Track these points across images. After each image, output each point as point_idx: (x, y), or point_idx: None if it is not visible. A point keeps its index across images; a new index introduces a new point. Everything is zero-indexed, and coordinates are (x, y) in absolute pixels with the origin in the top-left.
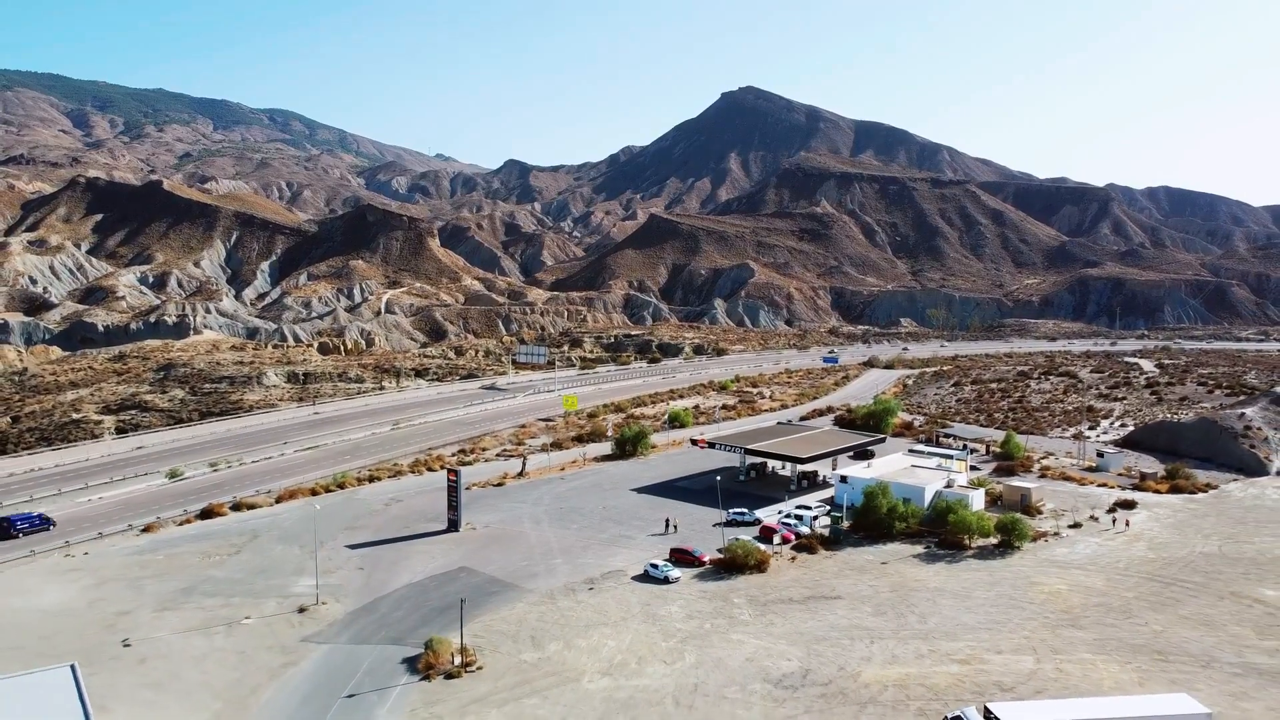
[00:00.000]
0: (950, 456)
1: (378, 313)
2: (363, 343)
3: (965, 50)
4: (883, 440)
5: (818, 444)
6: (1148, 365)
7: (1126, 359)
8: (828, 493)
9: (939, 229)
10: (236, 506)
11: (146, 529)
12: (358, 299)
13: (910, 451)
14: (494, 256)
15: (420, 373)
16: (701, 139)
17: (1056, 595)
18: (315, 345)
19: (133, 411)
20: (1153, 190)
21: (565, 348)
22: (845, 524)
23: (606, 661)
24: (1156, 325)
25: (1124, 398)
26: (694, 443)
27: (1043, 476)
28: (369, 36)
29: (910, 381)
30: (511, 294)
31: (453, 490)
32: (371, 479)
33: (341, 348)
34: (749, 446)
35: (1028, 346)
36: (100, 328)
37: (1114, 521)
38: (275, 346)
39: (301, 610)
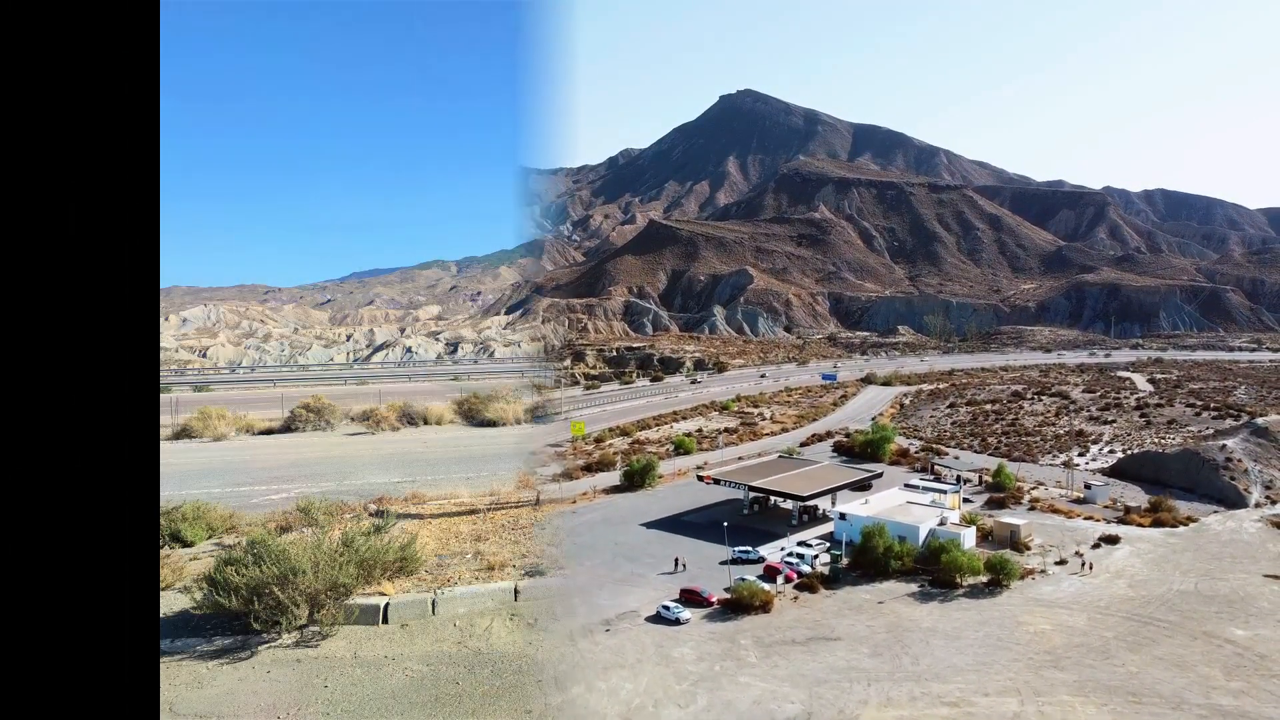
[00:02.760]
0: (944, 491)
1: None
2: None
3: (963, 52)
4: (880, 475)
5: (817, 480)
6: (1140, 381)
7: (1119, 373)
8: (828, 527)
9: (936, 234)
10: None
11: None
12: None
13: (906, 486)
14: None
15: None
16: (700, 142)
17: (1041, 635)
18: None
19: None
20: (1149, 193)
21: (568, 362)
22: (844, 561)
23: (625, 704)
24: (1152, 331)
25: (1114, 420)
26: (700, 478)
27: (1032, 509)
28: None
29: (907, 401)
30: None
31: None
32: None
33: None
34: (752, 484)
35: (1023, 359)
36: None
37: (1082, 565)
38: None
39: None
